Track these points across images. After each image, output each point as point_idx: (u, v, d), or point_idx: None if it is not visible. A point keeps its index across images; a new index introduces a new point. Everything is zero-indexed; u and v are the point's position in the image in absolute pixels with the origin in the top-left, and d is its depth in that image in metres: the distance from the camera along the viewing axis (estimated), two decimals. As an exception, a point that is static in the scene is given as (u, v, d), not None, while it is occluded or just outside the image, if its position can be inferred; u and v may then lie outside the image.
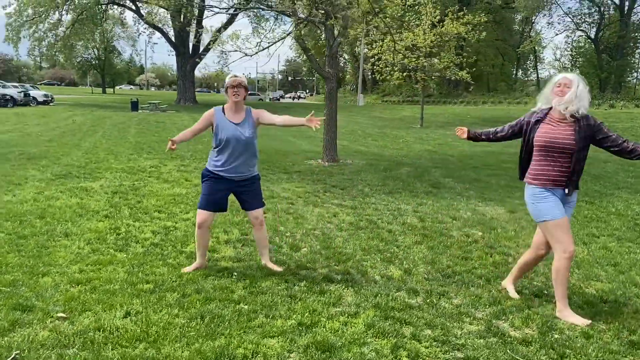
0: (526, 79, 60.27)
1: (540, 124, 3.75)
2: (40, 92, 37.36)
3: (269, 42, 13.12)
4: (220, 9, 12.17)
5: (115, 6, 43.27)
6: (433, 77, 26.73)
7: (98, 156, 11.62)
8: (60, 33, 40.03)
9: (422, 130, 21.89)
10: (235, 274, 4.34)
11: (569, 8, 60.65)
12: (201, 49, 33.68)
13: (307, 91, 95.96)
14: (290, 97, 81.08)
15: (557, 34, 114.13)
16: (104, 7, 41.91)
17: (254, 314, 3.55)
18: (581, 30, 48.09)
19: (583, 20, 47.23)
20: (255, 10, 18.99)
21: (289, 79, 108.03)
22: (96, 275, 4.20)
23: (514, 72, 60.28)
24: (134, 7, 40.17)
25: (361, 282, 4.22)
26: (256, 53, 13.01)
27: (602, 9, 45.11)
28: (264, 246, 4.60)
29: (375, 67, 24.70)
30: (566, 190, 3.68)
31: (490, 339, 3.28)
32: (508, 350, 3.13)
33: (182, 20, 33.59)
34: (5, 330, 3.23)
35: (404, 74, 24.68)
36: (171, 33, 40.59)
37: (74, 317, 3.45)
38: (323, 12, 10.94)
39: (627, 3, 43.46)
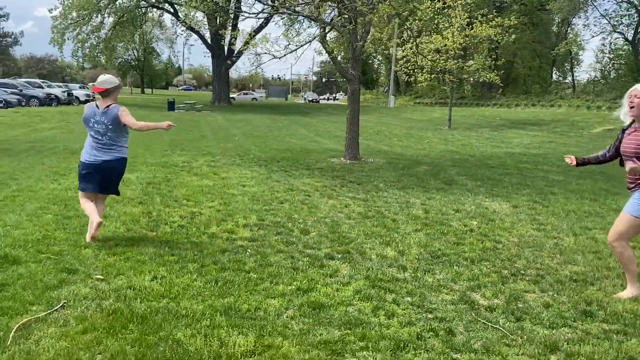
0: (562, 81, 59.29)
1: (625, 134, 4.04)
2: (82, 91, 39.08)
3: (296, 45, 13.79)
4: (250, 14, 12.85)
5: (155, 9, 44.84)
6: (463, 79, 27.00)
7: (135, 152, 12.44)
8: (102, 35, 41.76)
9: (449, 132, 22.16)
10: (249, 251, 4.97)
11: (605, 10, 59.14)
12: (235, 51, 34.65)
13: (341, 92, 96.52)
14: (325, 98, 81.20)
15: (593, 36, 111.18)
16: (143, 10, 43.51)
17: (260, 281, 4.16)
18: (618, 32, 47.15)
19: (620, 22, 46.30)
20: (283, 15, 19.72)
21: (323, 80, 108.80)
22: (129, 249, 4.88)
23: (551, 74, 59.44)
24: (172, 10, 41.57)
25: (358, 260, 4.78)
26: (284, 55, 13.66)
27: (640, 9, 44.24)
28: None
29: (404, 68, 25.14)
30: None
31: (461, 305, 3.80)
32: (472, 314, 3.64)
33: (217, 23, 34.63)
34: (54, 287, 3.92)
35: (432, 75, 25.03)
36: (207, 35, 41.83)
37: (109, 279, 4.12)
38: (346, 16, 11.51)
39: (667, 4, 42.48)
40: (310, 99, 70.47)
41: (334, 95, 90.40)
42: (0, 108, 27.25)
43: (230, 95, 62.76)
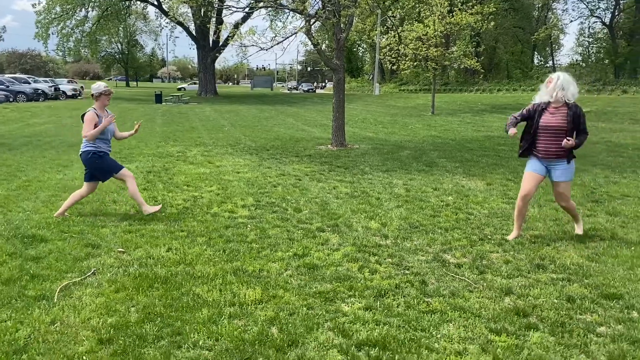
0: (543, 66, 60.31)
1: (544, 112, 4.96)
2: (69, 86, 39.17)
3: (282, 37, 14.33)
4: (237, 8, 13.36)
5: (138, 2, 44.88)
6: (445, 66, 27.67)
7: (130, 144, 12.97)
8: (87, 29, 41.79)
9: (432, 118, 22.86)
10: (249, 226, 5.59)
11: (583, -7, 60.56)
12: (221, 43, 34.97)
13: (327, 81, 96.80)
14: (314, 88, 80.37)
15: (571, 21, 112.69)
16: (127, 2, 43.55)
17: (261, 249, 4.80)
18: (596, 16, 48.16)
19: (597, 6, 47.31)
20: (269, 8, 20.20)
21: (308, 69, 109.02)
22: (143, 227, 5.48)
23: (532, 59, 60.42)
24: (156, 2, 41.70)
25: (346, 231, 5.42)
26: (271, 47, 14.20)
27: (617, -7, 45.22)
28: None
29: (387, 57, 25.74)
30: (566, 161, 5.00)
31: (434, 263, 4.47)
32: (443, 269, 4.31)
33: (202, 15, 34.91)
34: (82, 258, 4.52)
35: (415, 63, 25.66)
36: (192, 27, 42.05)
37: (130, 252, 4.73)
38: (330, 9, 12.07)
39: (643, -13, 43.42)
40: (305, 88, 70.01)
41: (322, 84, 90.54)
42: (-12, 104, 27.42)
43: (180, 86, 63.10)
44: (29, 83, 35.32)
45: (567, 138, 4.83)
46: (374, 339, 3.12)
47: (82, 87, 40.62)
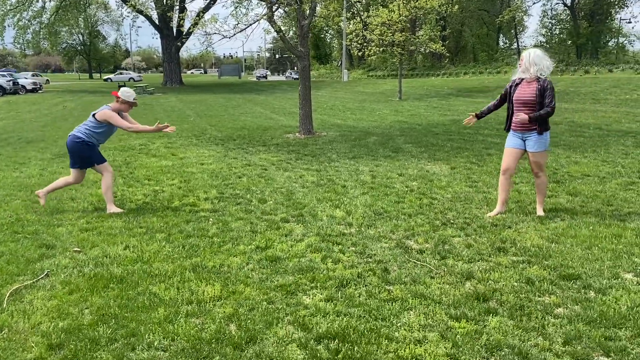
0: (508, 48, 61.08)
1: (517, 87, 5.28)
2: (28, 80, 37.98)
3: (245, 25, 14.09)
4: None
5: (98, -9, 43.68)
6: (411, 51, 27.71)
7: (91, 137, 12.64)
8: (45, 20, 40.51)
9: (399, 103, 22.92)
10: (211, 220, 5.48)
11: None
12: (184, 31, 34.34)
13: (295, 68, 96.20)
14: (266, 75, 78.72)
15: (534, 3, 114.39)
16: (86, -8, 42.32)
17: (222, 243, 4.70)
18: (558, -2, 48.93)
19: (559, -13, 48.07)
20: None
21: (276, 56, 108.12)
22: (100, 225, 5.32)
23: (497, 41, 61.11)
24: (116, -8, 40.62)
25: (310, 221, 5.37)
26: (234, 35, 13.97)
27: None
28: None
29: (354, 43, 25.64)
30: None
31: (396, 250, 4.45)
32: (406, 256, 4.30)
33: (164, 3, 34.15)
34: (35, 260, 4.35)
35: (381, 49, 25.64)
36: (155, 16, 41.13)
37: (86, 251, 4.58)
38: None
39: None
40: (258, 75, 69.13)
41: (290, 72, 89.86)
42: (-57, 101, 26.36)
43: (106, 77, 62.04)
44: (-14, 78, 34.08)
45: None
46: (334, 331, 3.08)
47: (47, 80, 39.42)
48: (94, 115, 5.86)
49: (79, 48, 73.23)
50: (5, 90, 33.30)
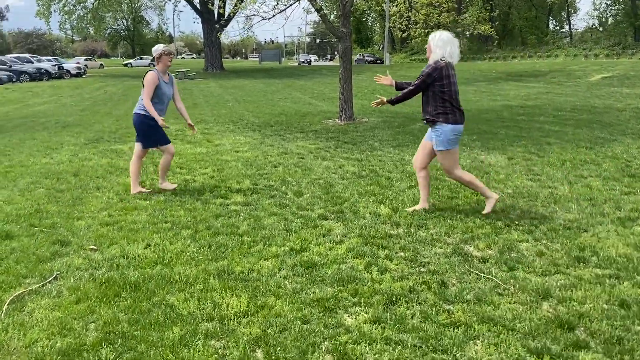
0: (559, 31, 58.34)
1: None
2: (73, 64, 38.53)
3: (284, 5, 13.49)
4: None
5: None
6: (458, 33, 26.51)
7: (129, 122, 12.34)
8: (89, 5, 40.89)
9: (444, 88, 21.93)
10: (242, 214, 4.95)
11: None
12: (225, 15, 33.94)
13: (335, 53, 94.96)
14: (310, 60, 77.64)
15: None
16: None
17: (253, 243, 4.16)
18: (615, -24, 46.18)
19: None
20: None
21: (317, 41, 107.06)
22: (123, 218, 4.87)
23: (547, 24, 58.45)
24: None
25: (351, 219, 4.76)
26: (273, 16, 13.41)
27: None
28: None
29: (397, 24, 24.66)
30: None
31: (454, 258, 3.80)
32: (466, 265, 3.64)
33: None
34: (47, 259, 3.91)
35: (427, 30, 24.56)
36: (196, 0, 40.93)
37: (103, 249, 4.12)
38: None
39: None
40: (302, 60, 68.07)
41: (329, 55, 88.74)
42: (-10, 85, 26.92)
43: (126, 62, 62.05)
44: (32, 62, 34.71)
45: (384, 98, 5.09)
46: (383, 365, 2.49)
47: (101, 64, 39.85)
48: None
49: (123, 33, 74.27)
50: (50, 75, 33.82)
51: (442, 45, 4.57)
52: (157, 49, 5.70)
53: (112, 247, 4.14)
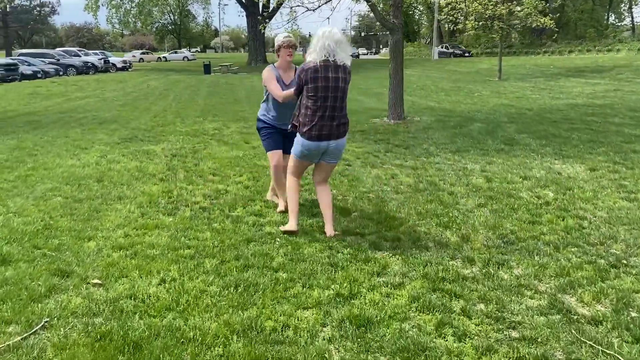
0: (619, 23, 55.13)
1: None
2: (119, 58, 38.83)
3: (331, -5, 12.61)
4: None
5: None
6: (513, 25, 25.01)
7: (165, 119, 11.80)
8: (136, -1, 41.11)
9: (499, 84, 20.57)
10: (278, 240, 4.14)
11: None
12: (270, 8, 33.32)
13: (381, 46, 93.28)
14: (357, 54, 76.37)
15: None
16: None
17: (290, 283, 3.33)
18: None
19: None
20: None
21: (362, 34, 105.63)
22: (139, 240, 4.14)
23: (606, 17, 55.30)
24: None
25: (411, 250, 3.88)
26: (319, 7, 12.56)
27: None
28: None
29: (448, 16, 23.40)
30: None
31: (553, 316, 2.87)
32: (573, 331, 2.71)
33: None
34: (41, 296, 3.21)
35: (480, 23, 23.20)
36: (241, -7, 40.54)
37: (109, 284, 3.38)
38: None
39: None
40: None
41: (374, 49, 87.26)
42: (38, 78, 27.17)
43: (161, 55, 61.78)
44: (79, 56, 35.10)
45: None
46: None
47: (158, 58, 40.01)
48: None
49: (169, 27, 74.98)
50: (97, 68, 34.09)
51: (311, 52, 3.99)
52: (277, 39, 4.73)
53: (120, 282, 3.41)
